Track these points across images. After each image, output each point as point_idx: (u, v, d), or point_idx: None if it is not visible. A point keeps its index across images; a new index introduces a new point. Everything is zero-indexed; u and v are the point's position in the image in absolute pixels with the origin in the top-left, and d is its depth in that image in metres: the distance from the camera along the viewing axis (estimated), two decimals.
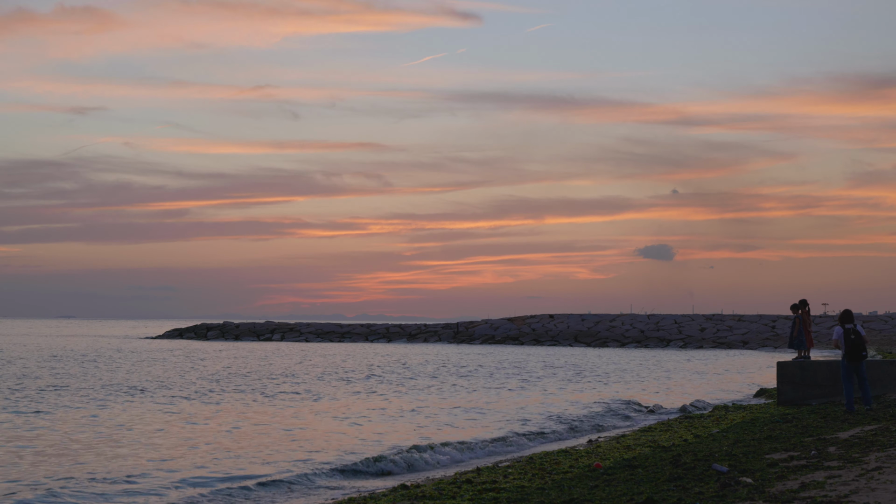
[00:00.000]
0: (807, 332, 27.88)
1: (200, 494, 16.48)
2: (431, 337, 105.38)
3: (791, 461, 14.98)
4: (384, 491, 15.89)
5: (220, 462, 19.79)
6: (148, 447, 21.70)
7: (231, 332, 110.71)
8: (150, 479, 17.74)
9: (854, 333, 22.16)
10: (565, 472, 16.52)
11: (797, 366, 26.73)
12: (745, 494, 12.14)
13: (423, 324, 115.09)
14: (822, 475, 13.22)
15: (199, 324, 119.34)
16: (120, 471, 18.46)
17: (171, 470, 18.67)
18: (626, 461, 17.06)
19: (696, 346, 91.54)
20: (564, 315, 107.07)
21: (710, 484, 13.25)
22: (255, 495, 16.60)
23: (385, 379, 45.10)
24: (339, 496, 16.39)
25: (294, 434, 24.47)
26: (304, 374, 48.28)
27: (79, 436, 23.51)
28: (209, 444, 22.42)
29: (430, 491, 15.07)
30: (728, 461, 15.39)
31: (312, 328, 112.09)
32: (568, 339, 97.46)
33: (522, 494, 14.29)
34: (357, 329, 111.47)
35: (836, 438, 17.52)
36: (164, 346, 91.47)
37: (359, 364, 58.77)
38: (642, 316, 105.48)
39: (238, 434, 24.38)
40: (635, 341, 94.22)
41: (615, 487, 13.97)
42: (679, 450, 18.19)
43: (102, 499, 16.08)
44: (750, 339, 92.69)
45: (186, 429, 25.32)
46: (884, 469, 13.33)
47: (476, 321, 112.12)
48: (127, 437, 23.47)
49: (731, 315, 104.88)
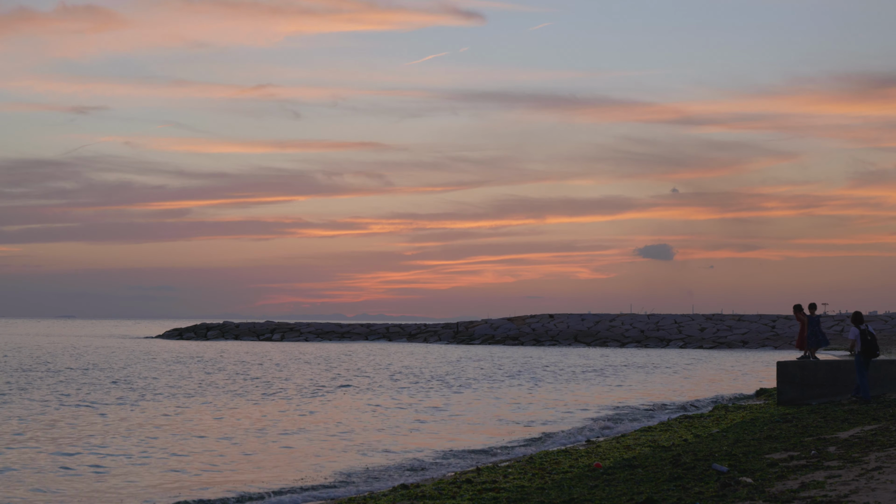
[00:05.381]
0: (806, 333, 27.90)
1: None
2: (431, 337, 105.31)
3: (791, 461, 14.97)
4: (384, 491, 15.90)
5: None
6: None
7: (231, 332, 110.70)
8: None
9: (869, 334, 24.17)
10: (565, 472, 16.52)
11: (797, 366, 26.76)
12: (745, 494, 12.14)
13: (422, 324, 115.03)
14: (822, 475, 13.21)
15: (199, 323, 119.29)
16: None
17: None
18: (626, 461, 17.06)
19: (696, 345, 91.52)
20: (564, 315, 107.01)
21: (710, 484, 13.24)
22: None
23: (515, 378, 45.14)
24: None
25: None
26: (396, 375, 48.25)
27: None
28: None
29: (430, 491, 15.07)
30: (728, 461, 15.39)
31: (312, 328, 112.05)
32: (568, 339, 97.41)
33: (522, 494, 14.29)
34: (357, 329, 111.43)
35: (836, 438, 17.52)
36: (173, 346, 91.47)
37: (424, 364, 58.77)
38: (642, 316, 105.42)
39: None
40: (635, 341, 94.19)
41: (615, 487, 13.97)
42: (679, 450, 18.18)
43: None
44: (750, 338, 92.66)
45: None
46: (884, 469, 13.33)
47: (476, 321, 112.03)
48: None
49: (731, 315, 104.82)
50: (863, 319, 24.51)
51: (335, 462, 20.09)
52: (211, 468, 19.28)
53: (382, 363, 59.89)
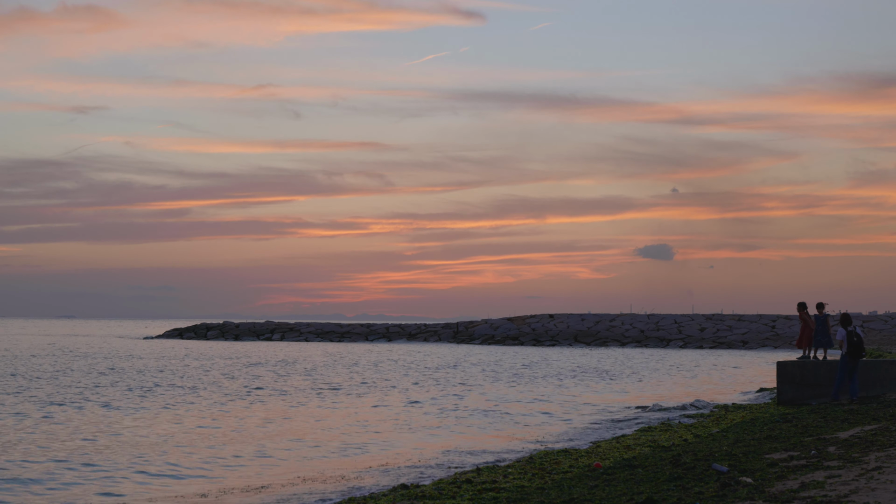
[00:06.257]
0: (809, 333, 27.89)
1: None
2: (431, 337, 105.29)
3: (791, 461, 14.97)
4: (384, 491, 15.90)
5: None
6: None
7: (231, 332, 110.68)
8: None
9: (856, 336, 24.65)
10: (565, 472, 16.51)
11: (797, 366, 26.78)
12: (745, 494, 12.13)
13: (422, 324, 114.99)
14: (822, 475, 13.21)
15: (199, 323, 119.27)
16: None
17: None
18: (626, 461, 17.06)
19: (696, 345, 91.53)
20: (564, 315, 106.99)
21: (710, 484, 13.24)
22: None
23: (527, 378, 45.18)
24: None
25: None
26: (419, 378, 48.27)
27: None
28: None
29: (430, 491, 15.07)
30: (728, 461, 15.39)
31: (312, 328, 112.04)
32: (568, 338, 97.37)
33: (522, 494, 14.29)
34: (357, 329, 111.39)
35: (836, 438, 17.51)
36: (181, 346, 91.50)
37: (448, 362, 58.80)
38: (642, 316, 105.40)
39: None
40: (635, 341, 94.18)
41: (615, 487, 13.96)
42: (679, 450, 18.18)
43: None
44: (750, 338, 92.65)
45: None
46: (884, 469, 13.32)
47: (476, 321, 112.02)
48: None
49: (730, 315, 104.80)
50: (851, 321, 25.04)
51: (335, 462, 20.09)
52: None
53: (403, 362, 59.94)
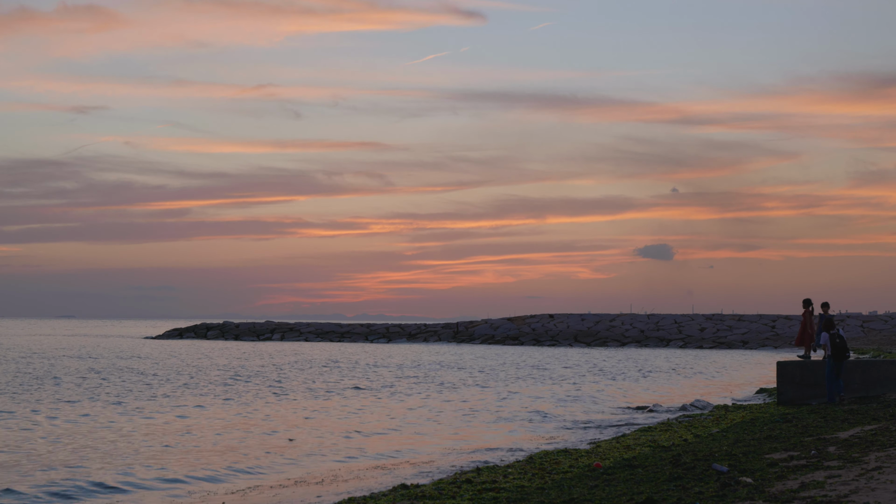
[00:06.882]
0: (810, 332, 27.92)
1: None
2: (431, 337, 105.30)
3: (791, 461, 14.97)
4: (384, 490, 15.90)
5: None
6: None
7: (231, 332, 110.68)
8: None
9: (839, 338, 25.05)
10: (565, 472, 16.51)
11: (797, 366, 26.80)
12: (745, 494, 12.13)
13: (423, 324, 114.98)
14: (822, 475, 13.21)
15: (199, 323, 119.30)
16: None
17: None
18: (626, 461, 17.06)
19: (696, 345, 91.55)
20: (564, 315, 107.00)
21: (710, 484, 13.24)
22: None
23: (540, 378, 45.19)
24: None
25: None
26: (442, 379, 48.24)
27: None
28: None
29: (430, 491, 15.07)
30: (728, 461, 15.39)
31: (312, 328, 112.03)
32: (568, 338, 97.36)
33: (522, 494, 14.29)
34: (357, 329, 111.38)
35: (836, 438, 17.52)
36: (184, 346, 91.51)
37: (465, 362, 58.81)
38: (642, 316, 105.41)
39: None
40: (635, 341, 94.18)
41: (615, 487, 13.96)
42: (679, 449, 18.18)
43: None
44: (750, 338, 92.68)
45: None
46: (884, 469, 13.32)
47: (476, 321, 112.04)
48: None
49: (730, 315, 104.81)
50: (834, 325, 25.55)
51: (335, 462, 20.09)
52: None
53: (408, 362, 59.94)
